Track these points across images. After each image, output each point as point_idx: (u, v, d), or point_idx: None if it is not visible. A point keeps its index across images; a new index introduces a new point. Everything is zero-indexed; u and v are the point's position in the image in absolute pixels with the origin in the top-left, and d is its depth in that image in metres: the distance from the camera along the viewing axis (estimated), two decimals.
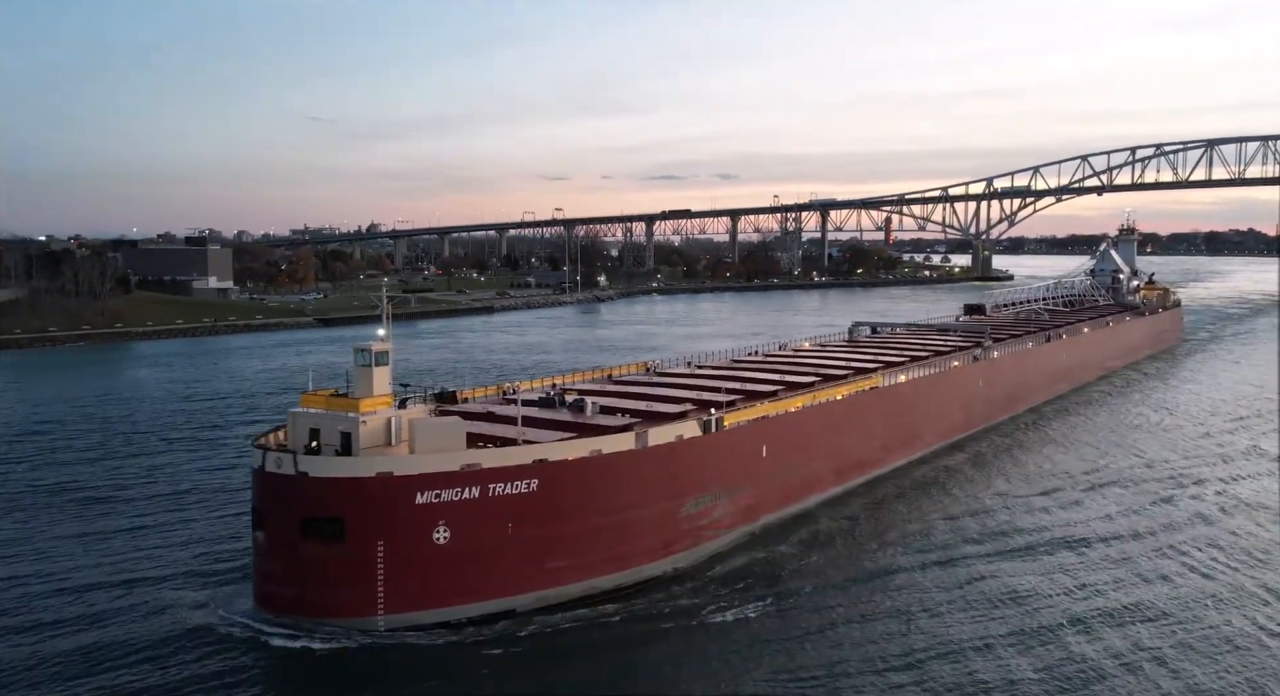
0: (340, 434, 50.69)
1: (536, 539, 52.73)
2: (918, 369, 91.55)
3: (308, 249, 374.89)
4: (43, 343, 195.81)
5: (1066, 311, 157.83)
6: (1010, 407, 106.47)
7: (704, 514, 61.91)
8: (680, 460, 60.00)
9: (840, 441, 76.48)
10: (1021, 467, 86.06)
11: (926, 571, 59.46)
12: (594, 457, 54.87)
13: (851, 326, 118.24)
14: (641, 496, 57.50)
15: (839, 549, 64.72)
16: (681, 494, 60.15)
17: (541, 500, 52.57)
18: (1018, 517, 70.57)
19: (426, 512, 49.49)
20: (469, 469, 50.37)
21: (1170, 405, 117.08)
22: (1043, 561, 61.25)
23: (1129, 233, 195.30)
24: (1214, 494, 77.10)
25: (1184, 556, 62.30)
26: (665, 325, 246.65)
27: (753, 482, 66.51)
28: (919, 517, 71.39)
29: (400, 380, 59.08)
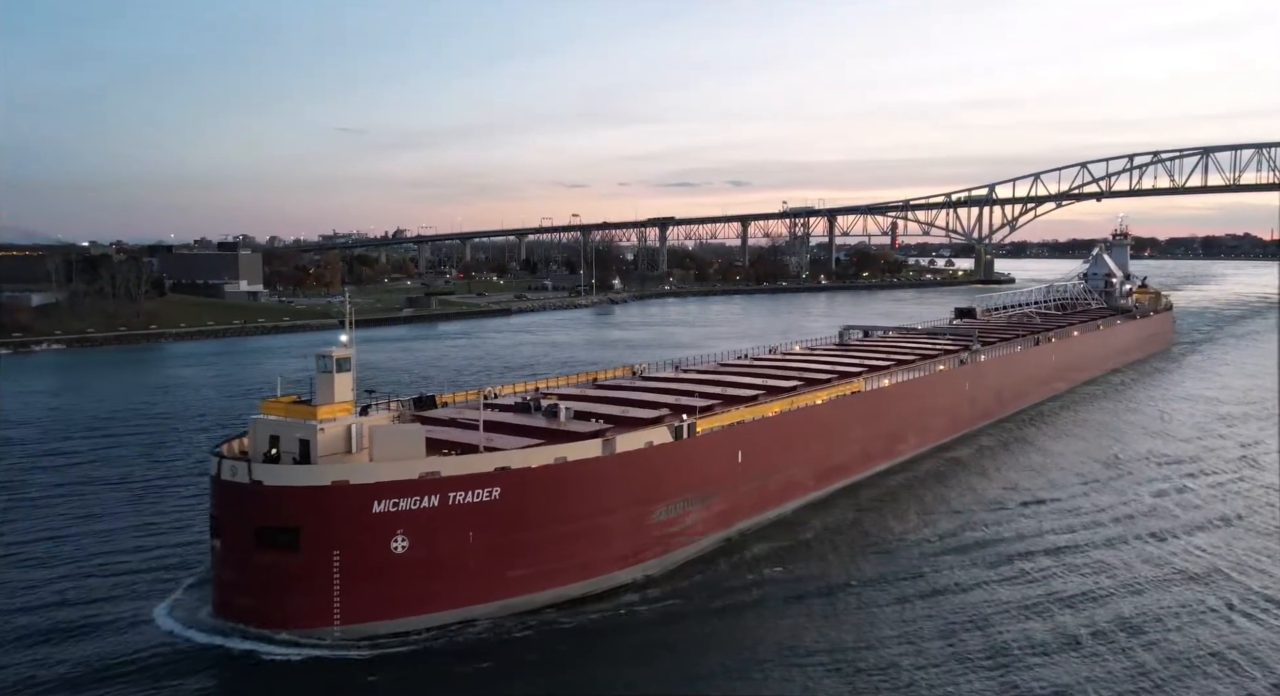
0: (299, 441, 47.90)
1: (498, 547, 49.81)
2: (903, 373, 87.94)
3: (335, 254, 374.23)
4: (81, 343, 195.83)
5: (1059, 315, 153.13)
6: (998, 411, 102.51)
7: (675, 521, 58.75)
8: (650, 467, 56.87)
9: (820, 446, 73.05)
10: (1005, 472, 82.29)
11: (898, 583, 55.91)
12: (559, 465, 51.84)
13: (842, 330, 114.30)
14: (609, 504, 54.43)
15: (812, 556, 61.28)
16: (651, 501, 57.02)
17: (504, 508, 49.62)
18: (996, 525, 66.94)
19: (384, 521, 46.63)
20: (428, 477, 47.49)
21: (1158, 407, 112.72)
22: (1016, 571, 57.59)
23: (1122, 237, 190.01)
24: (1201, 498, 73.14)
25: (1155, 566, 58.56)
26: (676, 326, 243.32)
27: (727, 489, 63.25)
28: (898, 523, 67.87)
29: (407, 381, 56.35)
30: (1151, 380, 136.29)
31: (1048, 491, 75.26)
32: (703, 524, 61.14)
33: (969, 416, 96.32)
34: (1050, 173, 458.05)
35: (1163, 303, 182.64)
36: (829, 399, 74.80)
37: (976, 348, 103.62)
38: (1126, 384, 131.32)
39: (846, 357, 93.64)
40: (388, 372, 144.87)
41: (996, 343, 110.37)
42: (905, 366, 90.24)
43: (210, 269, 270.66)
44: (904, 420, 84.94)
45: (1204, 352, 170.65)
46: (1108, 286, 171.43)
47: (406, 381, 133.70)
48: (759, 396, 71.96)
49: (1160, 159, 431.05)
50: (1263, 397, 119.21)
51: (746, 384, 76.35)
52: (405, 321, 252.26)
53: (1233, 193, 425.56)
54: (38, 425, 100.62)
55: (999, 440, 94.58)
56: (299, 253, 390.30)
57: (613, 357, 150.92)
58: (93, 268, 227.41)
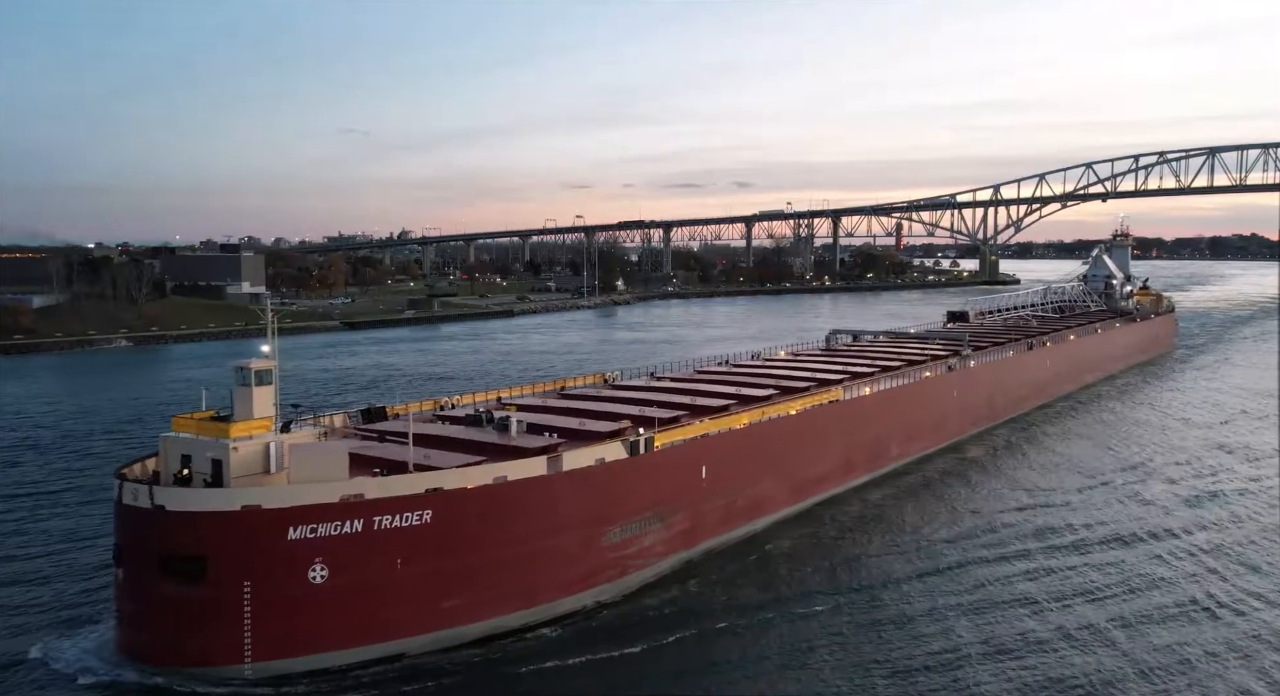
0: (211, 462, 43.68)
1: (430, 575, 45.48)
2: (888, 380, 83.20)
3: (339, 255, 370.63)
4: (81, 345, 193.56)
5: (1056, 318, 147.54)
6: (989, 419, 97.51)
7: (631, 542, 54.30)
8: (602, 485, 52.46)
9: (794, 459, 68.45)
10: (991, 484, 77.56)
11: (870, 609, 51.34)
12: (498, 485, 47.49)
13: (829, 334, 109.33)
14: (555, 525, 50.05)
15: (780, 578, 56.80)
16: (604, 521, 52.61)
17: (436, 533, 45.31)
18: (978, 546, 62.12)
19: (300, 549, 42.36)
20: (350, 500, 43.20)
21: (1157, 415, 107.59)
22: (994, 596, 52.88)
23: (1123, 238, 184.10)
24: (1194, 508, 68.25)
25: (1154, 597, 53.79)
26: (677, 328, 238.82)
27: (690, 506, 58.77)
28: (873, 541, 63.32)
29: (422, 382, 52.13)
30: (1150, 386, 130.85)
31: (1033, 506, 70.44)
32: (663, 544, 56.72)
33: (958, 425, 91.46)
34: (1055, 173, 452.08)
35: (1164, 305, 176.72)
36: (804, 409, 70.16)
37: (967, 353, 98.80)
38: (1124, 390, 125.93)
39: (830, 364, 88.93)
40: (375, 376, 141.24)
41: (988, 347, 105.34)
42: (890, 373, 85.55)
43: (212, 271, 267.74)
44: (887, 430, 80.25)
45: (1207, 356, 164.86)
46: (1108, 288, 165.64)
47: (391, 386, 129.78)
48: (730, 406, 67.53)
49: (1166, 159, 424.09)
50: (1259, 408, 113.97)
51: (719, 393, 71.86)
52: (407, 323, 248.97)
53: (1239, 193, 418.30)
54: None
55: (988, 449, 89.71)
56: (304, 254, 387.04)
57: (608, 361, 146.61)
58: (94, 270, 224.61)
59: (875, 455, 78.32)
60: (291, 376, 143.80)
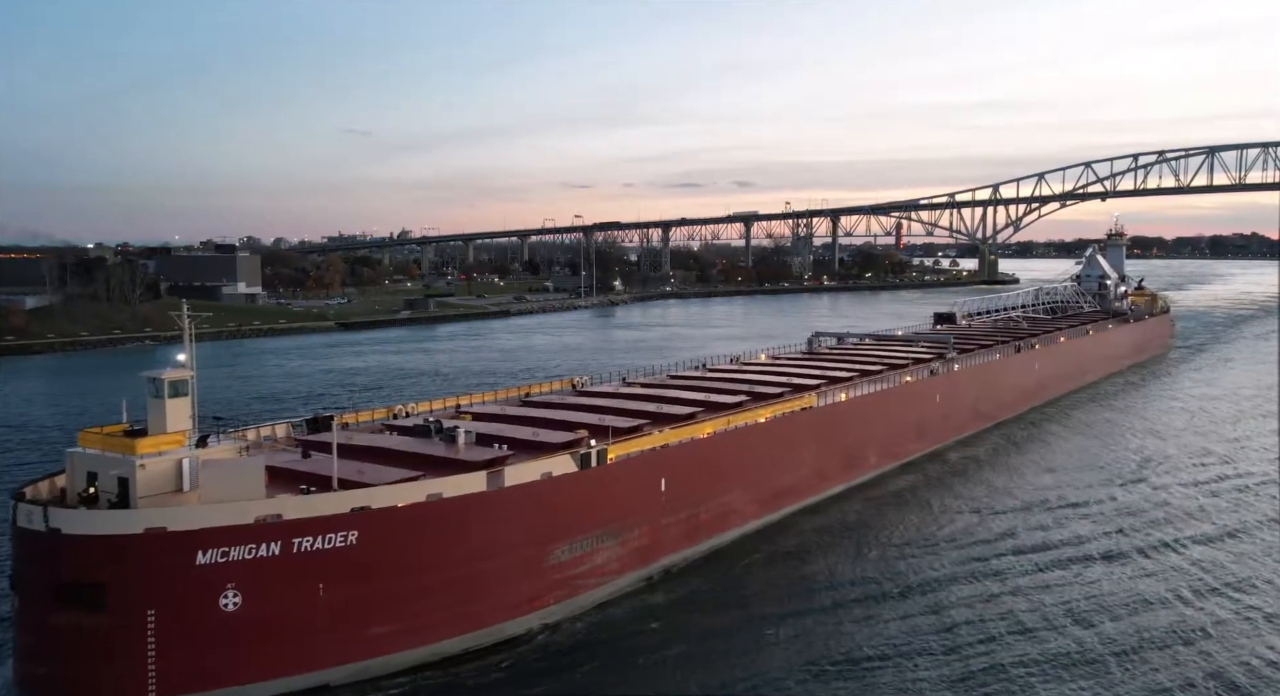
0: (117, 480, 40.34)
1: (356, 600, 42.14)
2: (867, 385, 79.65)
3: (337, 255, 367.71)
4: (73, 347, 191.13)
5: (1048, 319, 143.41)
6: (973, 425, 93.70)
7: (581, 560, 50.89)
8: (548, 501, 49.03)
9: (763, 469, 64.95)
10: (973, 493, 73.90)
11: (836, 631, 47.87)
12: (432, 503, 44.11)
13: (811, 337, 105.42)
14: (495, 545, 46.66)
15: (743, 596, 53.36)
16: (550, 539, 49.20)
17: (363, 555, 41.93)
18: (952, 560, 58.55)
19: (210, 575, 39.01)
20: (267, 521, 39.84)
21: (1149, 419, 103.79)
22: (967, 622, 49.31)
23: (1118, 237, 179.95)
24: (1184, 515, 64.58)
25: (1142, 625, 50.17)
26: (674, 328, 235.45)
27: (647, 521, 55.32)
28: (843, 555, 59.78)
29: (425, 379, 48.84)
30: (1141, 390, 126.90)
31: (1014, 518, 66.82)
32: (618, 562, 53.29)
33: (941, 431, 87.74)
34: (1054, 172, 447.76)
35: (1159, 305, 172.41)
36: (774, 416, 66.59)
37: (952, 356, 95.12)
38: (1114, 394, 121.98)
39: (808, 368, 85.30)
40: (360, 379, 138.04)
41: (975, 350, 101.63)
42: (870, 377, 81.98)
43: (208, 271, 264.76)
44: (865, 437, 76.63)
45: (1203, 357, 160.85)
46: (1101, 289, 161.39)
47: (366, 389, 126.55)
48: (697, 414, 64.07)
49: (1165, 158, 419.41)
50: (1249, 410, 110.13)
51: (687, 400, 68.37)
52: (402, 324, 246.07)
53: (1238, 192, 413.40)
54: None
55: (972, 456, 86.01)
56: (302, 255, 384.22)
57: (600, 362, 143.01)
58: (87, 271, 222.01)
59: (852, 464, 74.74)
60: (274, 377, 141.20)
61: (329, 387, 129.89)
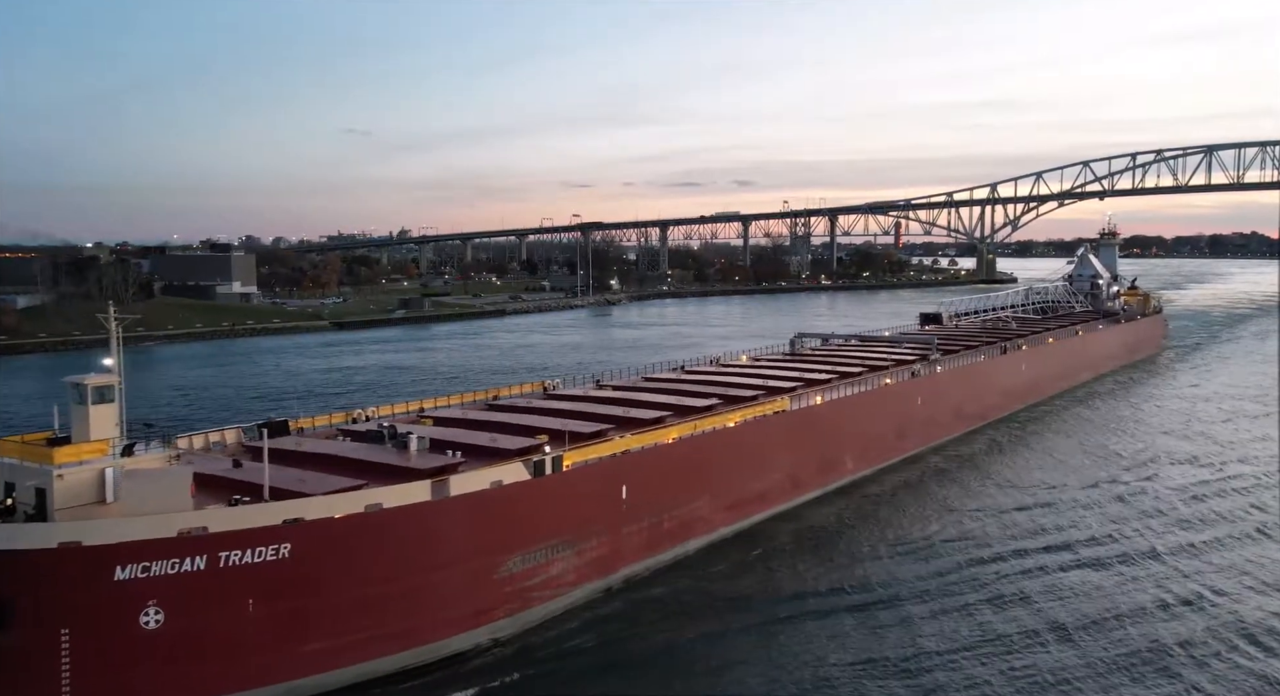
0: (34, 491, 38.25)
1: (289, 616, 40.06)
2: (845, 387, 77.44)
3: (335, 255, 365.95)
4: (65, 346, 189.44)
5: (1037, 319, 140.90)
6: (956, 428, 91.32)
7: (535, 571, 48.75)
8: (498, 510, 46.91)
9: (732, 475, 62.77)
10: (952, 498, 71.62)
11: (806, 644, 45.72)
12: (371, 513, 42.00)
13: (794, 337, 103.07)
14: (440, 557, 44.59)
15: (705, 608, 51.29)
16: (501, 550, 47.08)
17: (296, 569, 39.85)
18: (928, 572, 56.33)
19: (129, 591, 36.94)
20: (191, 534, 37.74)
21: (1136, 421, 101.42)
22: (935, 650, 47.11)
23: (1110, 236, 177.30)
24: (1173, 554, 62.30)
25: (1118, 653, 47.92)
26: (669, 327, 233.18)
27: (607, 530, 53.19)
28: (815, 563, 57.67)
29: (412, 378, 46.85)
30: (1131, 391, 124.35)
31: (992, 523, 64.58)
32: (574, 573, 51.15)
33: (923, 434, 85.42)
34: (1052, 171, 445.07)
35: (1152, 305, 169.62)
36: (744, 420, 64.39)
37: (935, 357, 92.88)
38: (1105, 394, 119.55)
39: (787, 370, 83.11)
40: (332, 378, 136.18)
41: (960, 351, 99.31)
42: (849, 380, 79.78)
43: (203, 270, 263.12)
44: (841, 441, 74.36)
45: (1196, 358, 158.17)
46: (1093, 288, 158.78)
47: (343, 390, 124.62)
48: (666, 418, 61.94)
49: (1163, 157, 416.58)
50: (1235, 410, 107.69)
51: (657, 404, 66.22)
52: (397, 323, 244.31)
53: (1237, 191, 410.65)
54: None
55: (954, 460, 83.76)
56: (300, 254, 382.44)
57: (588, 363, 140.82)
58: (79, 270, 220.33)
59: (828, 468, 72.51)
60: (252, 378, 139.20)
61: (317, 387, 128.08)
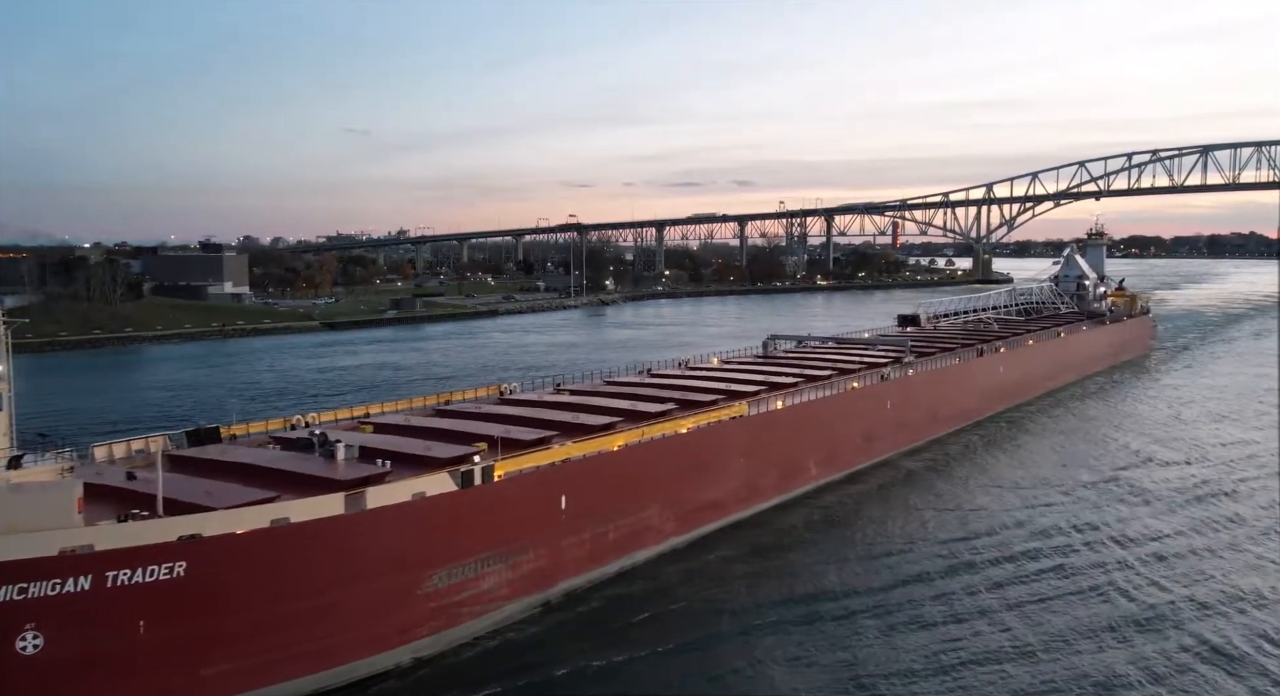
0: None
1: (184, 640, 37.54)
2: (812, 391, 74.80)
3: (331, 255, 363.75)
4: (52, 347, 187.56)
5: (1020, 321, 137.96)
6: (929, 432, 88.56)
7: (462, 586, 46.23)
8: (420, 523, 44.41)
9: (685, 483, 60.23)
10: (919, 505, 69.03)
11: (751, 669, 43.16)
12: (278, 529, 39.48)
13: (767, 339, 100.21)
14: (355, 573, 42.04)
15: (651, 619, 48.91)
16: (424, 565, 44.57)
17: (193, 588, 37.34)
18: (885, 580, 53.72)
19: (5, 614, 34.46)
20: (75, 552, 35.23)
21: (1113, 426, 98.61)
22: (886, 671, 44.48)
23: (1098, 237, 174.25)
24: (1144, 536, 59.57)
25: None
26: (663, 327, 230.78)
27: (545, 542, 50.65)
28: (772, 573, 55.28)
29: (351, 388, 44.60)
30: (1113, 393, 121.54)
31: (957, 530, 61.93)
32: (508, 587, 48.61)
33: (893, 439, 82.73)
34: (1048, 172, 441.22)
35: (1139, 306, 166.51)
36: (698, 426, 61.76)
37: (909, 359, 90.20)
38: (1085, 396, 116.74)
39: (753, 373, 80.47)
40: (306, 380, 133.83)
41: (936, 353, 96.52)
42: (816, 383, 77.13)
43: (195, 271, 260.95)
44: (804, 447, 71.71)
45: (1183, 359, 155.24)
46: (1080, 289, 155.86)
47: (307, 392, 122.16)
48: (616, 424, 59.32)
49: (1159, 157, 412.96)
50: (1214, 412, 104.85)
51: (610, 409, 63.66)
52: (388, 323, 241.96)
53: (1233, 191, 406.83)
54: None
55: (925, 464, 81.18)
56: (297, 254, 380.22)
57: (576, 363, 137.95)
58: (68, 270, 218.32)
59: (789, 475, 69.86)
60: (263, 375, 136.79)
61: (296, 386, 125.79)
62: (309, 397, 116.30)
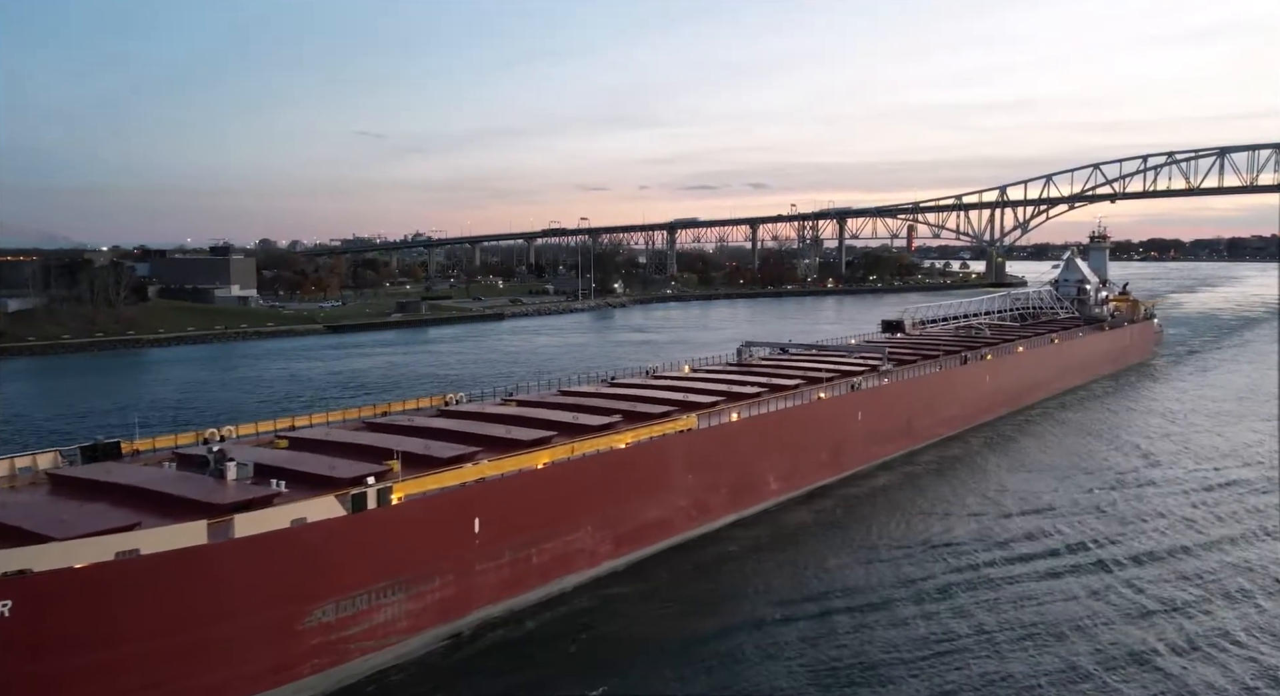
0: None
1: (15, 683, 33.42)
2: (774, 401, 69.90)
3: (341, 258, 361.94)
4: (54, 350, 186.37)
5: (1014, 327, 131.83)
6: (903, 444, 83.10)
7: (354, 620, 41.85)
8: (297, 552, 40.03)
9: (622, 502, 55.58)
10: (885, 525, 63.98)
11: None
12: (124, 562, 35.24)
13: (741, 347, 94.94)
14: (219, 608, 37.75)
15: (574, 651, 44.55)
16: (306, 597, 40.21)
17: (19, 629, 33.20)
18: (837, 605, 48.86)
19: None
20: None
21: (1106, 439, 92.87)
22: None
23: (1100, 240, 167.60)
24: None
25: None
26: (668, 329, 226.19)
27: (454, 568, 46.21)
28: (715, 598, 50.60)
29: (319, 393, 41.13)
30: (1109, 402, 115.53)
31: (923, 555, 56.94)
32: (409, 619, 44.18)
33: (863, 452, 77.59)
34: (1062, 174, 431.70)
35: (1142, 311, 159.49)
36: (638, 441, 57.06)
37: (886, 368, 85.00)
38: (1078, 404, 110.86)
39: (718, 384, 75.65)
40: (275, 384, 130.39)
41: (918, 361, 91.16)
42: (779, 394, 72.22)
43: (202, 273, 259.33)
44: (762, 462, 66.78)
45: (1190, 365, 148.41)
46: (1080, 294, 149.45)
47: (295, 398, 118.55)
48: (551, 438, 54.85)
49: (1175, 159, 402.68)
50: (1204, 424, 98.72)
51: (551, 422, 59.18)
52: (393, 326, 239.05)
53: (1250, 193, 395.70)
54: None
55: (900, 479, 76.08)
56: (310, 257, 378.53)
57: (566, 367, 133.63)
58: (71, 273, 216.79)
59: (744, 492, 64.96)
60: (257, 377, 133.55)
61: (281, 392, 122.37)
62: (280, 401, 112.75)
